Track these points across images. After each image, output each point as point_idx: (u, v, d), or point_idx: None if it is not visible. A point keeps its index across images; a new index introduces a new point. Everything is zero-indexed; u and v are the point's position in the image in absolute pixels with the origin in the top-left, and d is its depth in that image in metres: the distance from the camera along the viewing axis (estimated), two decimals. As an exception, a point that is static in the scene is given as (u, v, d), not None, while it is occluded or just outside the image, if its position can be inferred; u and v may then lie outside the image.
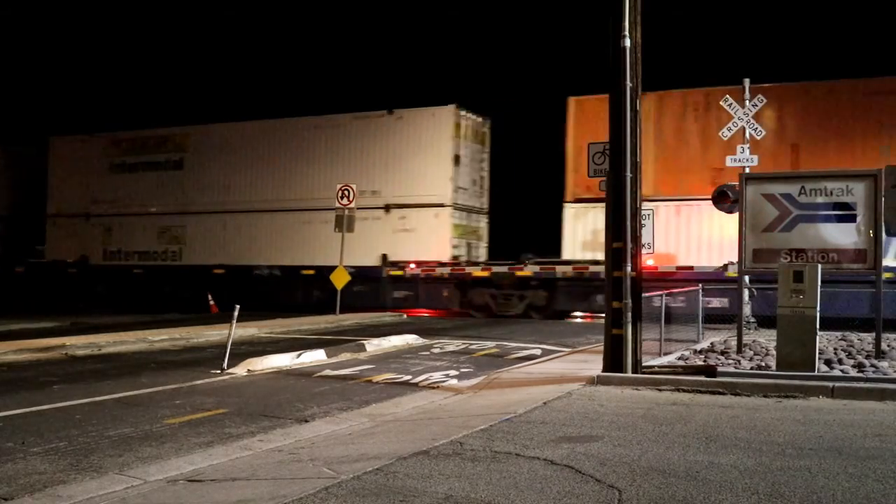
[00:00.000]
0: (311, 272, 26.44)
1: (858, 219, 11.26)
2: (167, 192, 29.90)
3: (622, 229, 10.20)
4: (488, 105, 27.80)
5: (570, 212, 23.74)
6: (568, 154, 23.99)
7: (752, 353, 12.12)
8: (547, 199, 24.80)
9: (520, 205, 27.15)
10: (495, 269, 24.51)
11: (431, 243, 25.41)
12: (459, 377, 11.77)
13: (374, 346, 15.35)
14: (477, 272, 24.73)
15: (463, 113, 25.88)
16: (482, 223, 27.21)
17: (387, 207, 25.87)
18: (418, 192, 25.74)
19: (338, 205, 24.35)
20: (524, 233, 26.17)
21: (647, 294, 10.94)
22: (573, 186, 23.69)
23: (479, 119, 26.76)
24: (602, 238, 21.70)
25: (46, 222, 32.37)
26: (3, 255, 32.72)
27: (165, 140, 30.31)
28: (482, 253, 26.98)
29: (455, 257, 25.53)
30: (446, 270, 25.06)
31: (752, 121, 17.77)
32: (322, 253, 26.06)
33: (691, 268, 21.85)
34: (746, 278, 14.57)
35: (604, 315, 10.69)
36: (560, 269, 23.40)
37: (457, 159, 25.59)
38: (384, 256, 25.79)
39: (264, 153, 28.40)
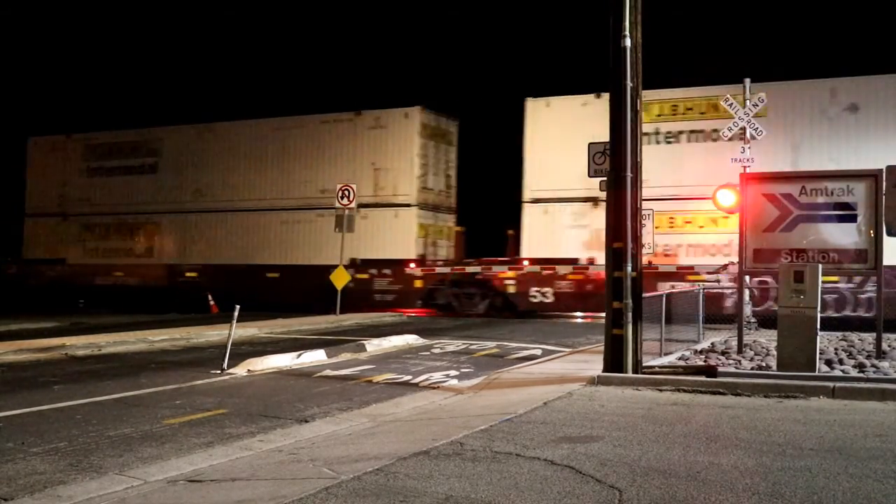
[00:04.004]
0: (276, 274, 27.36)
1: (859, 219, 11.25)
2: (138, 192, 30.59)
3: (622, 229, 10.19)
4: (458, 106, 28.45)
5: (528, 210, 24.36)
6: (525, 154, 24.56)
7: (752, 353, 12.12)
8: (511, 200, 25.25)
9: (486, 205, 27.66)
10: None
11: (398, 242, 26.08)
12: (460, 377, 11.76)
13: (375, 346, 15.35)
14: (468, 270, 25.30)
15: (430, 113, 26.56)
16: (449, 222, 27.76)
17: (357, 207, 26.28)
18: (385, 192, 26.37)
19: (338, 204, 24.57)
20: (491, 232, 26.72)
21: (646, 294, 10.94)
22: (531, 186, 24.38)
23: (446, 119, 27.36)
24: (562, 236, 23.89)
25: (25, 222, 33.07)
26: None
27: (138, 143, 30.96)
28: (448, 252, 27.47)
29: (421, 255, 26.11)
30: (446, 270, 25.21)
31: (752, 121, 17.76)
32: (293, 252, 27.12)
33: (692, 268, 21.88)
34: (747, 278, 14.57)
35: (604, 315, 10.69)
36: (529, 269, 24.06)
37: (423, 159, 26.22)
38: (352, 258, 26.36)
39: (232, 155, 29.07)
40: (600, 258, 21.03)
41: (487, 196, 27.75)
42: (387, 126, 26.50)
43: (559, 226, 23.83)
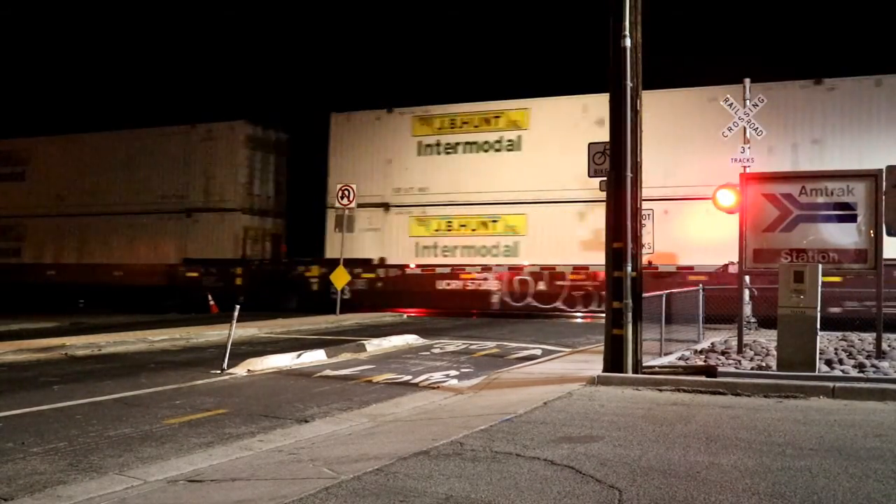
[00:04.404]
0: (121, 273, 30.24)
1: (859, 219, 11.25)
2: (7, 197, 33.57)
3: (622, 229, 10.19)
4: (290, 119, 31.28)
5: (331, 215, 27.25)
6: (330, 163, 27.87)
7: (752, 353, 12.11)
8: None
9: (308, 209, 29.86)
10: None
11: (225, 243, 28.94)
12: (460, 377, 11.76)
13: (375, 346, 15.35)
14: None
15: (255, 126, 29.47)
16: (272, 225, 30.25)
17: (187, 211, 29.61)
18: (214, 198, 29.28)
19: (338, 205, 24.70)
20: (312, 234, 28.82)
21: (646, 294, 10.94)
22: (334, 192, 26.80)
23: (275, 132, 30.13)
24: (360, 238, 26.46)
25: None
26: None
27: (9, 153, 33.52)
28: (269, 253, 30.06)
29: (244, 256, 28.82)
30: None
31: (752, 121, 17.77)
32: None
33: (692, 267, 21.89)
34: (747, 278, 14.56)
35: (603, 314, 10.68)
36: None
37: (248, 167, 29.13)
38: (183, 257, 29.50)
39: (87, 163, 31.76)
40: (390, 258, 26.75)
41: (309, 201, 29.73)
42: (216, 138, 29.38)
43: (358, 229, 26.65)
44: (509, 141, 25.58)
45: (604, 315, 10.65)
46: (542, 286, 24.49)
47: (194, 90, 41.68)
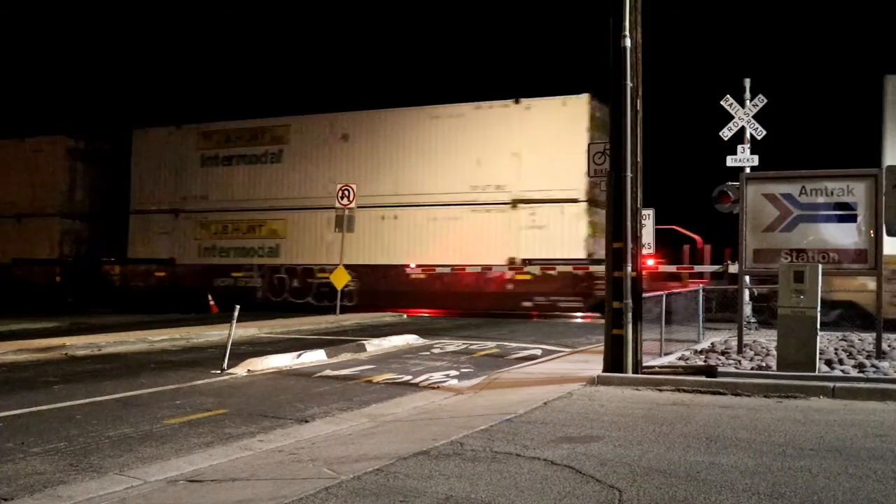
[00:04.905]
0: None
1: (859, 219, 11.25)
2: None
3: (622, 229, 10.19)
4: (116, 132, 32.99)
5: (133, 219, 31.11)
6: (132, 174, 31.21)
7: (752, 353, 12.11)
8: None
9: (120, 214, 32.37)
10: None
11: (44, 243, 32.19)
12: (460, 377, 11.76)
13: (375, 346, 15.35)
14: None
15: (78, 139, 32.12)
16: (85, 228, 32.75)
17: (17, 216, 32.88)
18: (37, 204, 32.52)
19: (338, 205, 24.62)
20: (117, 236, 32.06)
21: (646, 294, 10.94)
22: (138, 199, 31.01)
23: (97, 143, 32.61)
24: (155, 240, 30.08)
25: None
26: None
27: None
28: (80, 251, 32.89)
29: (62, 256, 32.07)
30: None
31: (752, 121, 17.77)
32: None
33: (692, 267, 21.91)
34: (747, 278, 14.56)
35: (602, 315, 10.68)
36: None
37: (70, 177, 32.16)
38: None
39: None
40: (180, 258, 30.19)
41: (125, 206, 32.16)
42: (41, 150, 32.36)
43: (154, 232, 30.72)
44: (273, 154, 28.99)
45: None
46: (296, 283, 27.94)
47: (26, 103, 43.53)
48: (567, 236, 24.17)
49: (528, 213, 24.56)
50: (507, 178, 24.59)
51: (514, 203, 24.69)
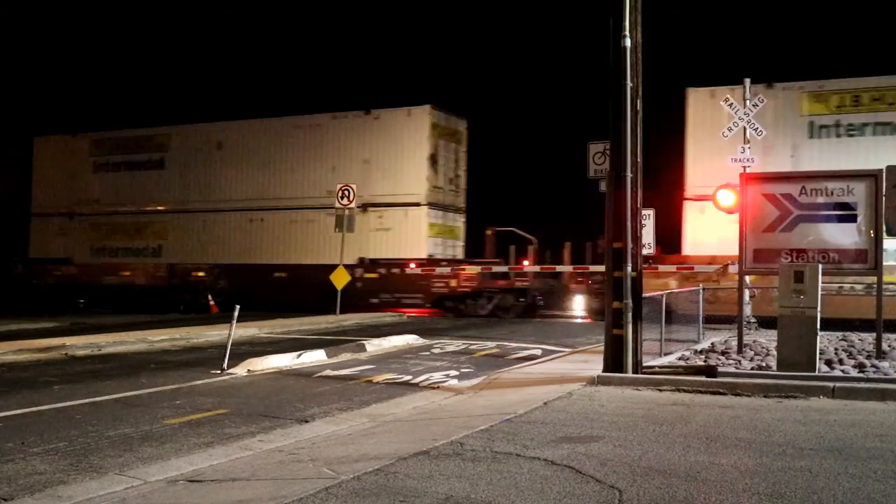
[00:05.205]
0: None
1: (859, 219, 11.25)
2: None
3: (622, 229, 10.19)
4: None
5: (35, 222, 32.95)
6: (34, 179, 32.89)
7: (752, 353, 12.11)
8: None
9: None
10: None
11: None
12: (460, 377, 11.76)
13: (375, 346, 15.35)
14: None
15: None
16: None
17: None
18: None
19: (338, 204, 24.70)
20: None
21: (646, 294, 10.93)
22: (38, 203, 32.70)
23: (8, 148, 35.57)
24: (51, 241, 31.91)
25: None
26: None
27: None
28: None
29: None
30: None
31: (752, 121, 17.76)
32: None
33: (692, 267, 21.91)
34: (747, 278, 14.55)
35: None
36: None
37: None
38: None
39: None
40: (75, 257, 31.60)
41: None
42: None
43: (51, 233, 32.24)
44: (155, 161, 30.47)
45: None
46: (175, 281, 29.77)
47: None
48: (410, 238, 26.05)
49: (377, 216, 26.48)
50: (358, 183, 25.86)
51: (365, 207, 26.27)
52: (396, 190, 26.19)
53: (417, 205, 25.95)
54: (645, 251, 15.34)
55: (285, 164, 28.06)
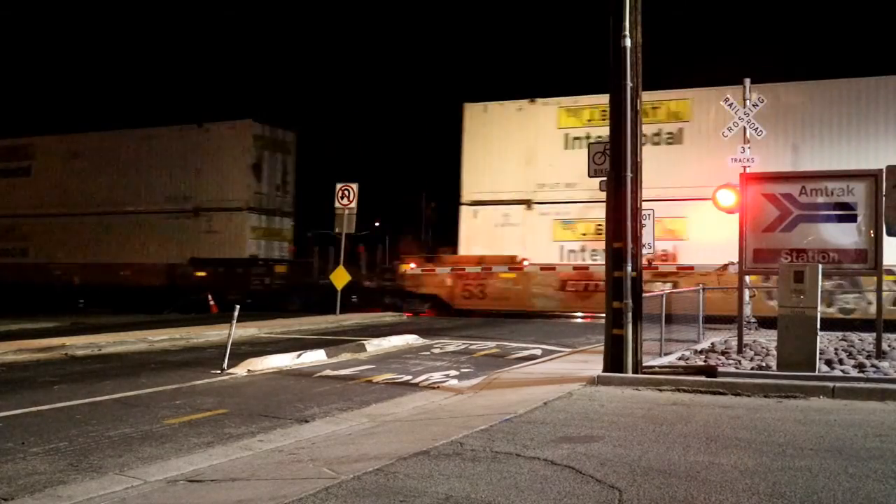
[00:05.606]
0: None
1: (859, 219, 11.25)
2: None
3: (622, 229, 10.18)
4: None
5: None
6: None
7: (752, 353, 12.11)
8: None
9: None
10: None
11: None
12: (460, 377, 11.76)
13: (375, 346, 15.34)
14: None
15: None
16: None
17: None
18: None
19: (338, 204, 24.81)
20: None
21: (646, 294, 10.93)
22: None
23: None
24: None
25: None
26: None
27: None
28: None
29: None
30: None
31: (752, 121, 17.76)
32: None
33: (692, 267, 21.93)
34: (748, 278, 14.55)
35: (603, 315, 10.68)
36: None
37: None
38: None
39: None
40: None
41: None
42: None
43: None
44: (23, 168, 32.81)
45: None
46: (39, 280, 31.51)
47: None
48: (234, 239, 28.89)
49: (206, 219, 29.36)
50: (191, 190, 29.39)
51: (197, 211, 29.46)
52: (223, 196, 29.11)
53: (240, 209, 28.84)
54: (646, 251, 15.33)
55: (131, 173, 30.83)
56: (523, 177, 25.37)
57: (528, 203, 25.10)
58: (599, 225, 23.14)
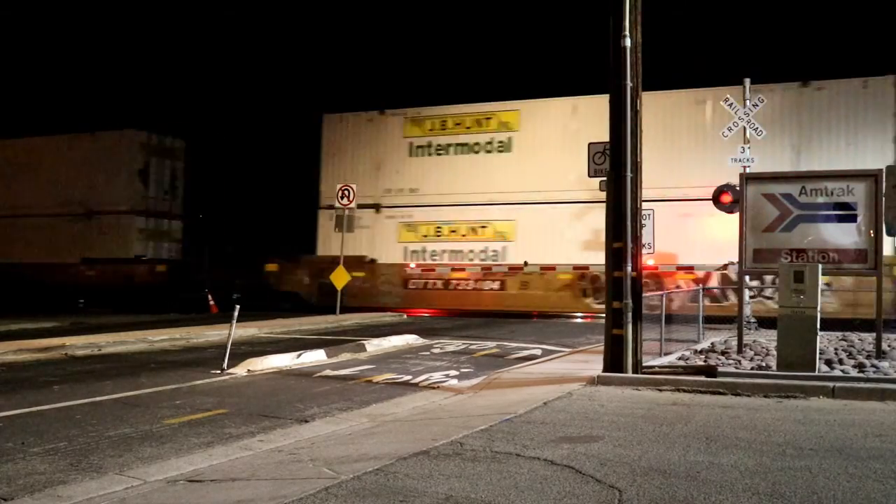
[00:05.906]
0: None
1: (859, 219, 11.25)
2: None
3: (622, 229, 10.18)
4: None
5: None
6: None
7: (752, 353, 12.11)
8: None
9: None
10: None
11: None
12: (460, 377, 11.76)
13: (375, 346, 15.35)
14: None
15: None
16: None
17: None
18: None
19: (338, 204, 25.01)
20: None
21: (646, 294, 10.93)
22: None
23: None
24: None
25: None
26: None
27: None
28: None
29: None
30: None
31: (752, 121, 17.76)
32: None
33: (692, 267, 21.95)
34: (747, 278, 14.56)
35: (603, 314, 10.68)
36: None
37: None
38: None
39: None
40: None
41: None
42: None
43: None
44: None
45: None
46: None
47: None
48: (121, 240, 31.04)
49: (97, 222, 31.51)
50: (85, 195, 31.39)
51: (90, 214, 31.53)
52: (112, 199, 31.13)
53: (129, 212, 30.99)
54: (645, 251, 15.34)
55: (29, 178, 32.88)
56: (373, 182, 27.75)
57: (377, 207, 27.54)
58: (439, 227, 26.90)
